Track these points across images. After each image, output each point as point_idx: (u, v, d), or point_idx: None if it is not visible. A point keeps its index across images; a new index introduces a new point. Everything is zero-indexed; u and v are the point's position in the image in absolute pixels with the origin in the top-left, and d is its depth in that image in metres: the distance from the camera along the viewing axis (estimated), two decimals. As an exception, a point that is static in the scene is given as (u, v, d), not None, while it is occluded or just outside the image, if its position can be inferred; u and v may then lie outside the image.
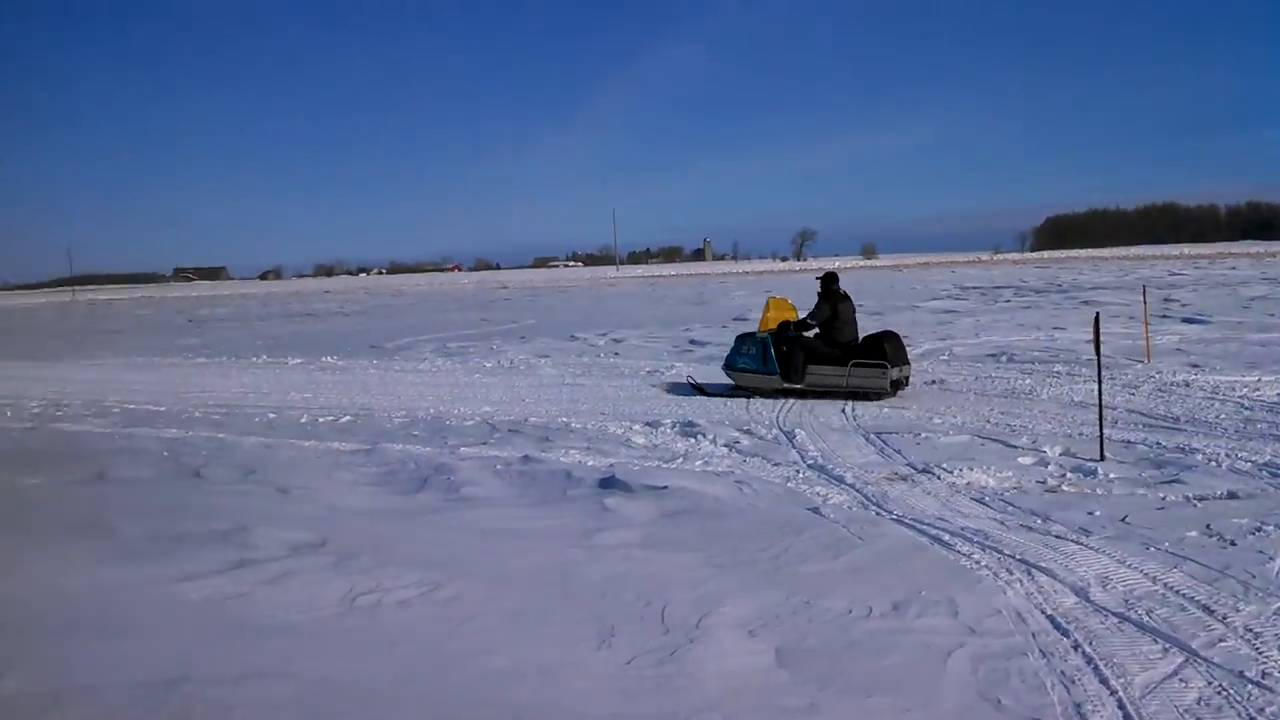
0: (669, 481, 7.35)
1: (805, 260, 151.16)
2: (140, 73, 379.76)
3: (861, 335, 12.32)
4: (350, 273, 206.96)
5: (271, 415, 11.68)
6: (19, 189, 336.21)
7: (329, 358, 18.99)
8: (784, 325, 12.54)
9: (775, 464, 8.27)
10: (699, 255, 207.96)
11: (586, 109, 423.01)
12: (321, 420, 11.24)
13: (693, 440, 9.33)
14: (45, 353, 24.20)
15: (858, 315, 12.67)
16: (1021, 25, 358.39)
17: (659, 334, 21.94)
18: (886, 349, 11.67)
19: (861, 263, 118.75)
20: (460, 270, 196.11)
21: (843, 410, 10.67)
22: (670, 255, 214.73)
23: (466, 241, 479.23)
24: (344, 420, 11.20)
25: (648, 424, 10.16)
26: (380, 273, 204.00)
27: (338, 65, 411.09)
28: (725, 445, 9.05)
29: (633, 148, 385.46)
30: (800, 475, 7.82)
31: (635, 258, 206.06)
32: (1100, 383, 8.30)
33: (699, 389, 12.97)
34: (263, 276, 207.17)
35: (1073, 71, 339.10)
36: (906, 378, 12.02)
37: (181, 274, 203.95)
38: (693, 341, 19.54)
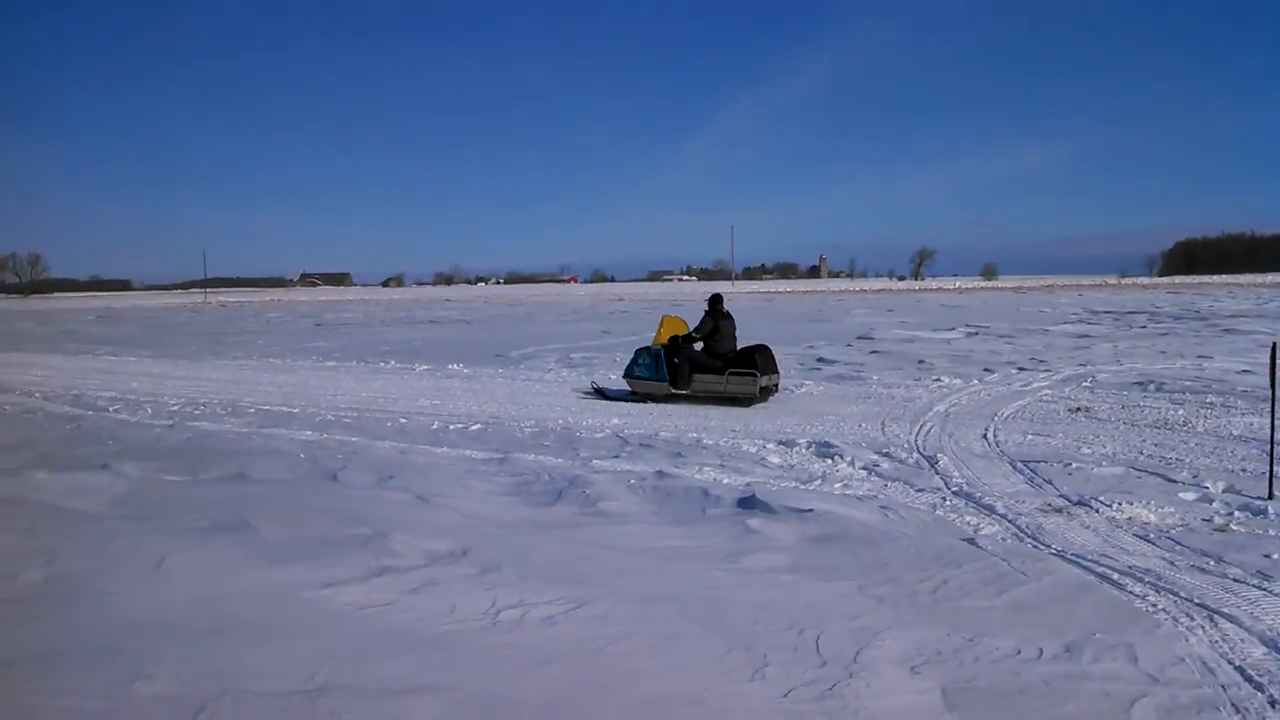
0: (812, 504, 7.11)
1: (923, 280, 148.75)
2: (271, 86, 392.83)
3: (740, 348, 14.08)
4: (469, 281, 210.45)
5: (403, 420, 11.76)
6: (159, 195, 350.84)
7: (455, 365, 19.16)
8: (674, 339, 14.12)
9: (919, 490, 7.97)
10: (814, 272, 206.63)
11: (707, 125, 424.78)
12: (452, 427, 11.27)
13: (829, 461, 9.08)
14: (182, 352, 24.95)
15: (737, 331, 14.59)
16: (1149, 47, 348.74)
17: (783, 351, 21.60)
18: (757, 360, 13.47)
19: (982, 284, 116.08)
20: (575, 281, 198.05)
21: (984, 436, 10.28)
22: (785, 271, 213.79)
23: (582, 252, 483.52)
24: (474, 428, 11.21)
25: (781, 443, 9.93)
26: (498, 282, 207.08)
27: (459, 79, 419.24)
28: (864, 468, 8.77)
29: (752, 164, 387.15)
30: (946, 503, 7.52)
31: (750, 273, 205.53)
32: (1275, 416, 7.80)
33: (600, 393, 14.76)
34: (385, 283, 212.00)
35: (1203, 95, 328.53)
36: (776, 385, 13.90)
37: (307, 279, 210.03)
38: (820, 359, 19.19)
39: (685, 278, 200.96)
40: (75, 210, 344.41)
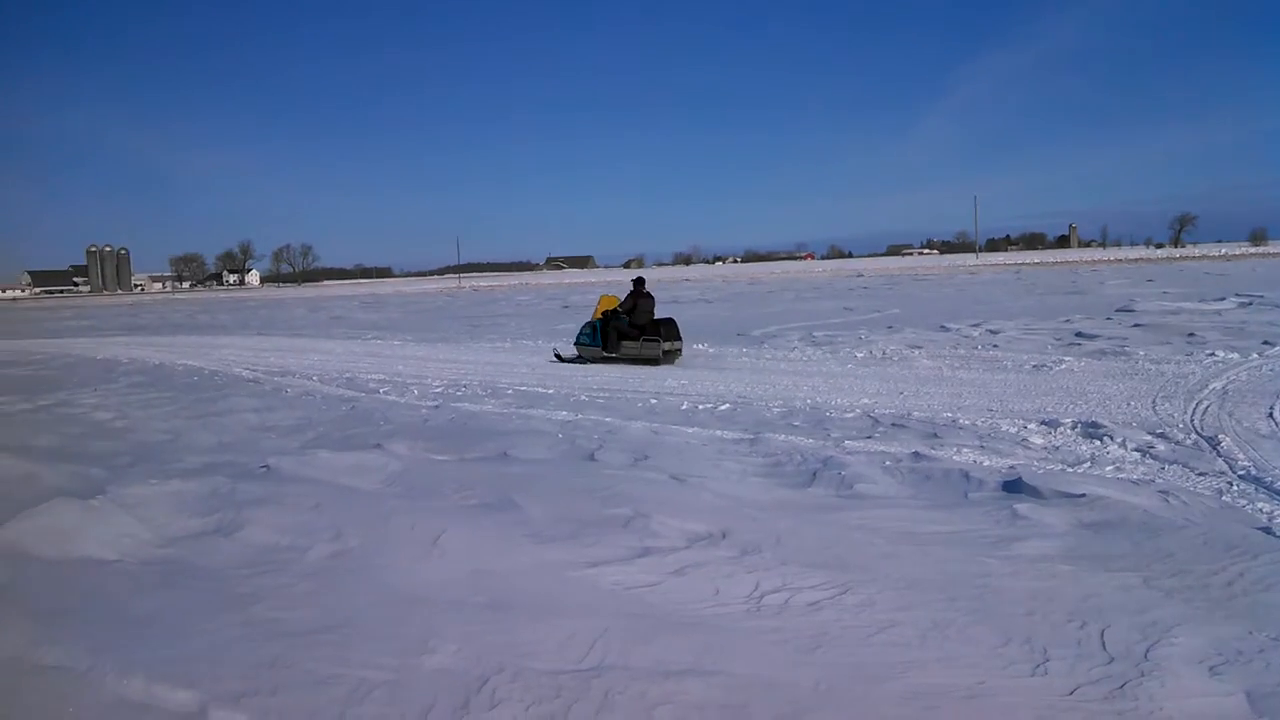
0: (1084, 488, 6.74)
1: (1184, 247, 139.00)
2: (515, 80, 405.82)
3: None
4: (707, 260, 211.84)
5: (653, 401, 11.91)
6: (416, 187, 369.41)
7: (700, 345, 19.27)
8: (608, 313, 17.80)
9: (1200, 473, 7.44)
10: (1063, 242, 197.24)
11: (946, 92, 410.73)
12: (701, 407, 11.33)
13: (1098, 442, 8.60)
14: (442, 336, 26.15)
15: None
16: None
17: (1037, 326, 20.68)
18: (661, 330, 17.09)
19: (1250, 250, 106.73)
20: (813, 258, 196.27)
21: (1270, 415, 9.49)
22: (1031, 242, 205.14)
23: (819, 229, 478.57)
24: (723, 408, 11.23)
25: (1044, 423, 9.48)
26: (735, 260, 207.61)
27: (691, 61, 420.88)
28: (1137, 450, 8.26)
29: (995, 130, 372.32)
30: (1234, 488, 6.98)
31: (994, 244, 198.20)
32: None
33: (559, 358, 18.19)
34: (626, 264, 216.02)
35: None
36: (678, 350, 17.22)
37: (553, 262, 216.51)
38: (1079, 334, 18.23)
39: (926, 250, 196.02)
40: (342, 203, 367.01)
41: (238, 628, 4.63)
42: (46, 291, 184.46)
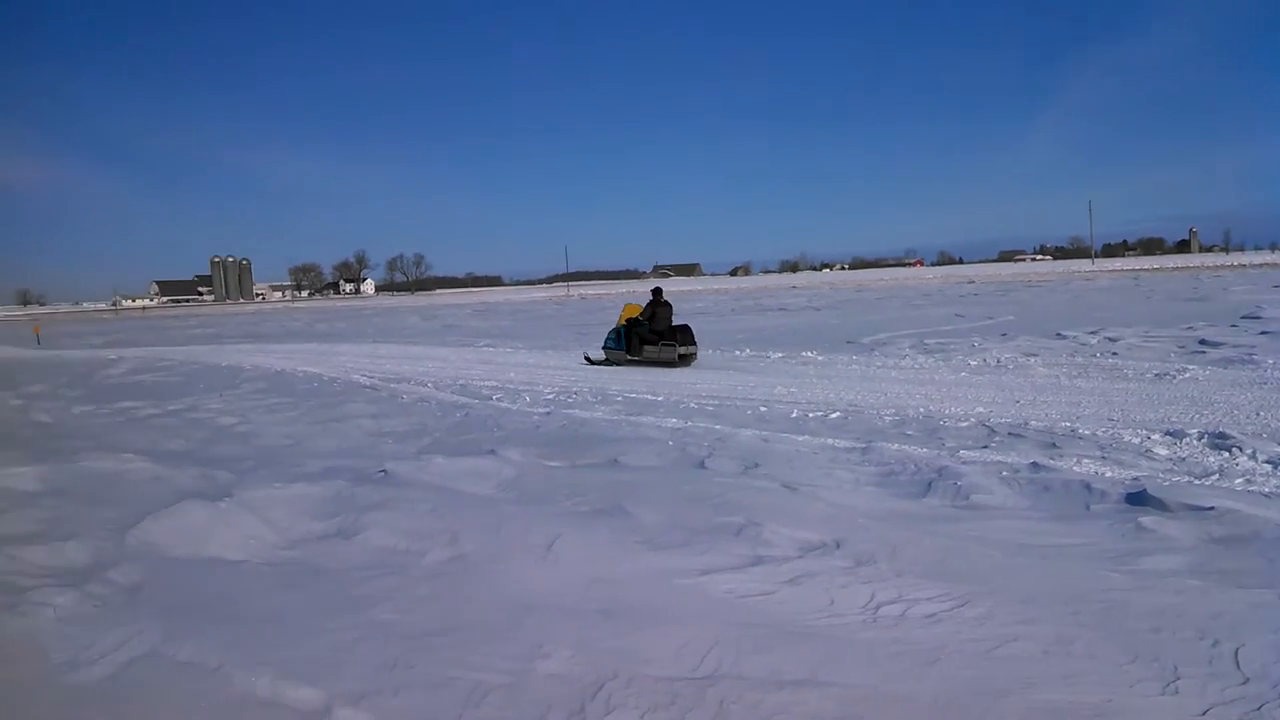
0: (1213, 501, 6.51)
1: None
2: (627, 92, 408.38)
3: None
4: (813, 268, 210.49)
5: (762, 409, 11.86)
6: (526, 198, 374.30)
7: (808, 352, 19.14)
8: (632, 321, 19.25)
9: (1339, 488, 7.13)
10: (1183, 247, 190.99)
11: (1060, 96, 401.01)
12: (811, 415, 11.24)
13: (1226, 454, 8.29)
14: (552, 343, 26.45)
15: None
16: None
17: (1157, 333, 20.03)
18: (678, 335, 18.45)
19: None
20: (922, 264, 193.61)
21: None
22: (1149, 247, 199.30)
23: (928, 235, 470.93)
24: (833, 416, 11.13)
25: (1168, 433, 9.17)
26: (842, 267, 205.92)
27: (799, 70, 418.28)
28: (1269, 462, 7.93)
29: (1110, 134, 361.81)
30: (1380, 505, 6.67)
31: (1110, 250, 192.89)
32: None
33: (589, 360, 19.85)
34: (732, 272, 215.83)
35: None
36: (693, 354, 18.59)
37: (660, 270, 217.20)
38: (1203, 342, 17.60)
39: (1039, 257, 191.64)
40: (453, 213, 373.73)
41: (359, 629, 4.74)
42: (173, 301, 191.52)
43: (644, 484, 7.61)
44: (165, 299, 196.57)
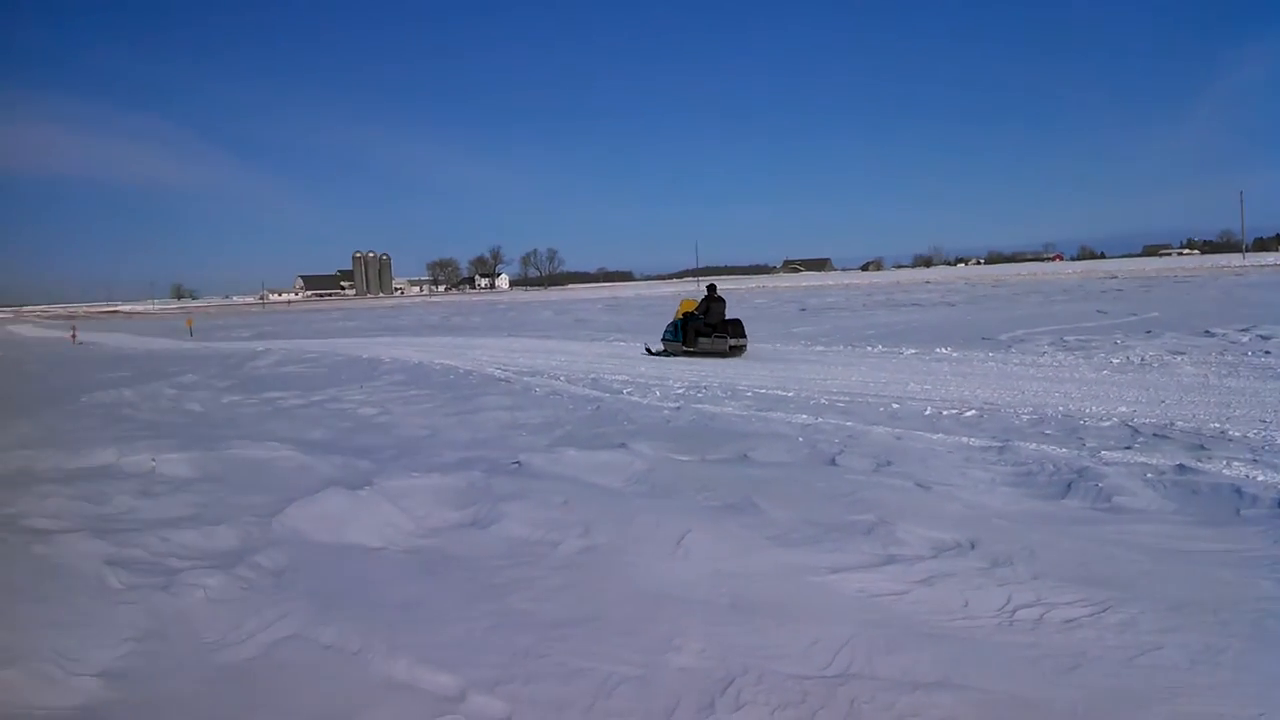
0: (1377, 508, 6.19)
1: None
2: (737, 85, 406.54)
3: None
4: (948, 262, 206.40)
5: (895, 406, 11.68)
6: (658, 191, 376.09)
7: (942, 349, 18.78)
8: (688, 315, 21.00)
9: None
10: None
11: (1208, 83, 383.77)
12: (945, 413, 11.03)
13: (1395, 459, 7.86)
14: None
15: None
16: None
17: (1323, 330, 19.06)
18: (729, 328, 20.19)
19: None
20: (1061, 259, 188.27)
21: None
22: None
23: (1068, 228, 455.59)
24: (969, 414, 10.90)
25: (1327, 436, 8.74)
26: (978, 262, 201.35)
27: (930, 60, 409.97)
28: None
29: (1262, 122, 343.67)
30: None
31: (1262, 244, 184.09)
32: None
33: (649, 351, 21.77)
34: (864, 267, 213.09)
35: None
36: (743, 346, 20.15)
37: (789, 265, 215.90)
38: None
39: (1186, 251, 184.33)
40: (586, 209, 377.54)
41: (494, 617, 4.85)
42: (316, 294, 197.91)
43: (774, 480, 7.59)
44: (309, 293, 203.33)
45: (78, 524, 6.94)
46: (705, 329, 20.41)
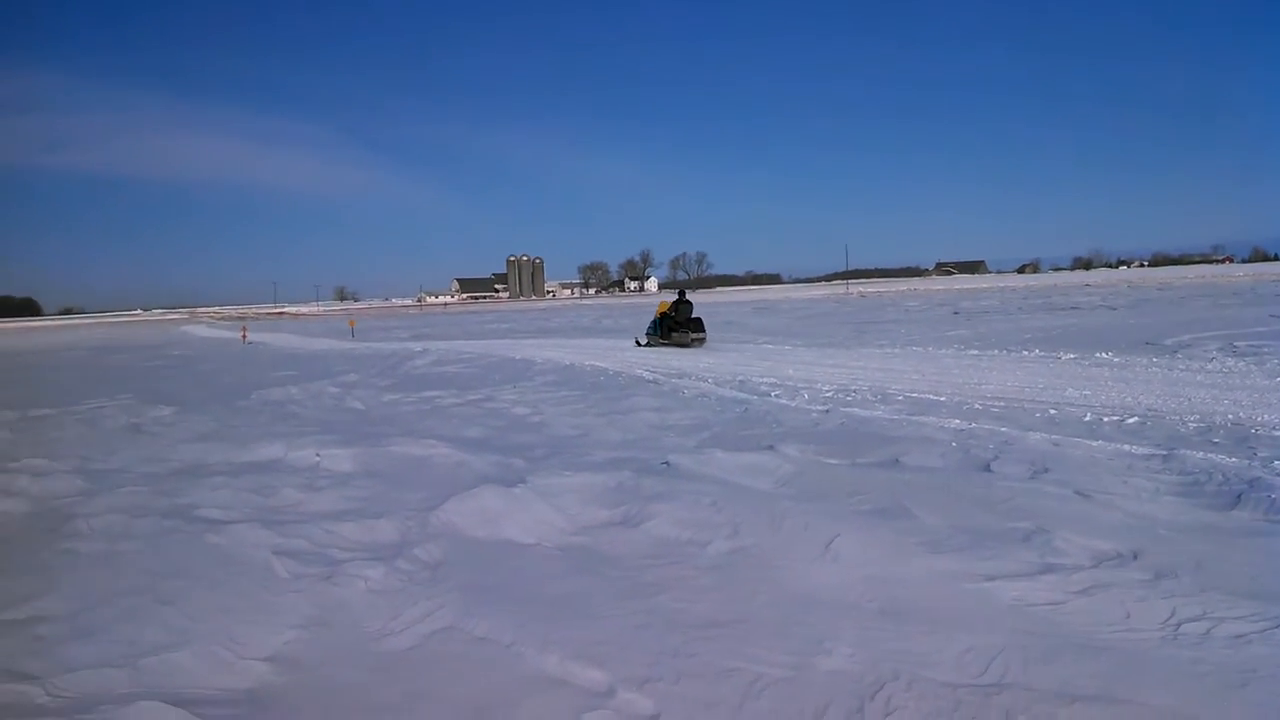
0: None
1: None
2: (885, 87, 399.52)
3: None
4: (1109, 265, 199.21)
5: (1052, 411, 11.35)
6: (807, 193, 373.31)
7: (1103, 353, 18.14)
8: (664, 315, 26.42)
9: None
10: None
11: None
12: (1106, 420, 10.66)
13: None
14: (830, 341, 26.23)
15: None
16: None
17: None
18: (691, 324, 25.65)
19: None
20: (1231, 261, 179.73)
21: None
22: None
23: (1239, 230, 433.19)
24: (1130, 421, 10.51)
25: None
26: (1141, 265, 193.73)
27: (1090, 52, 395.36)
28: None
29: None
30: None
31: None
32: None
33: (639, 344, 26.99)
34: (1020, 269, 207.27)
35: None
36: (702, 338, 25.67)
37: (942, 267, 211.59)
38: None
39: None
40: (735, 212, 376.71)
41: (643, 615, 4.92)
42: (472, 297, 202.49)
43: (926, 485, 7.48)
44: (464, 295, 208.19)
45: (247, 515, 7.31)
46: (676, 325, 26.03)
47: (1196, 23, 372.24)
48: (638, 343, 27.48)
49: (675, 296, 27.10)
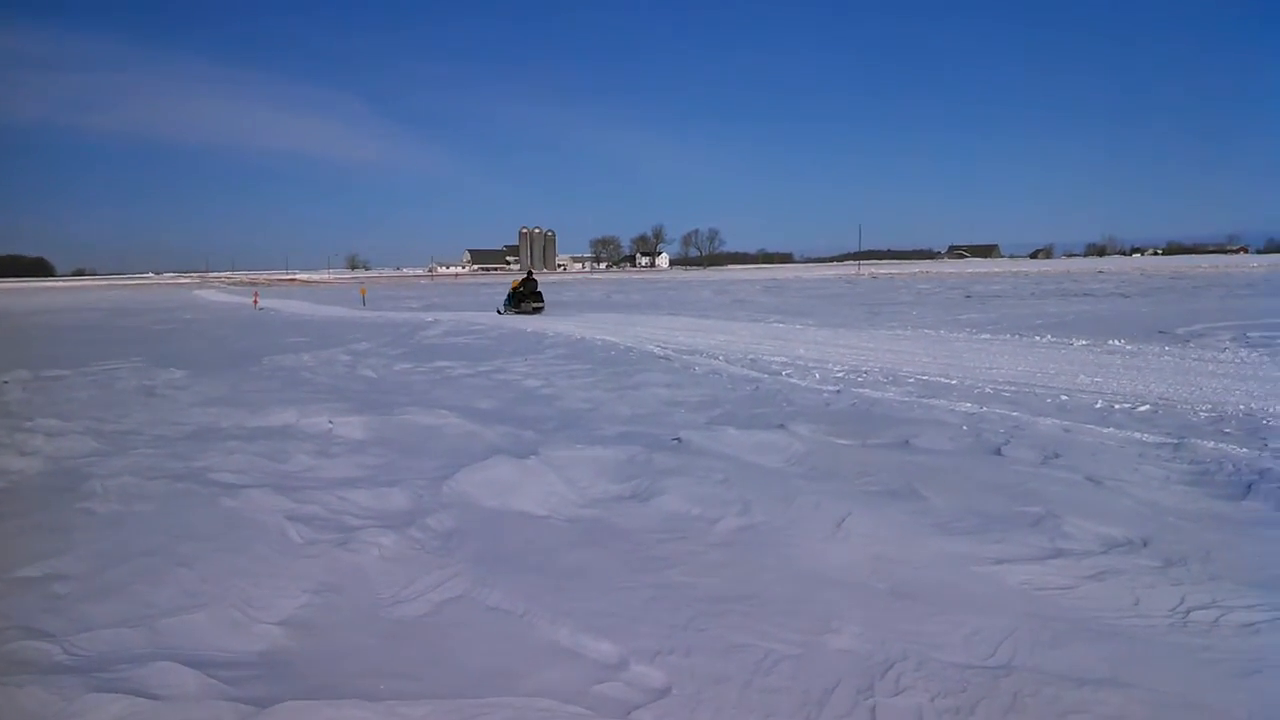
0: None
1: None
2: (901, 69, 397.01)
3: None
4: (1123, 252, 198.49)
5: (1064, 397, 11.34)
6: (821, 173, 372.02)
7: (1115, 341, 18.09)
8: (515, 289, 33.63)
9: None
10: None
11: None
12: (1118, 407, 10.65)
13: None
14: (842, 321, 26.18)
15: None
16: None
17: None
18: (532, 296, 33.06)
19: None
20: (1246, 252, 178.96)
21: None
22: None
23: (1254, 220, 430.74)
24: (1142, 409, 10.51)
25: None
26: (1155, 253, 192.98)
27: (1106, 38, 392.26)
28: None
29: None
30: None
31: None
32: None
33: (499, 313, 33.31)
34: (1033, 254, 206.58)
35: None
36: (540, 308, 32.73)
37: (955, 251, 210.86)
38: None
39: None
40: (748, 189, 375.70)
41: (653, 589, 4.96)
42: (483, 268, 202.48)
43: (936, 467, 7.50)
44: (476, 267, 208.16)
45: (261, 480, 7.36)
46: (523, 297, 33.00)
47: (1218, 11, 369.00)
48: (498, 311, 33.88)
49: (524, 276, 35.23)
